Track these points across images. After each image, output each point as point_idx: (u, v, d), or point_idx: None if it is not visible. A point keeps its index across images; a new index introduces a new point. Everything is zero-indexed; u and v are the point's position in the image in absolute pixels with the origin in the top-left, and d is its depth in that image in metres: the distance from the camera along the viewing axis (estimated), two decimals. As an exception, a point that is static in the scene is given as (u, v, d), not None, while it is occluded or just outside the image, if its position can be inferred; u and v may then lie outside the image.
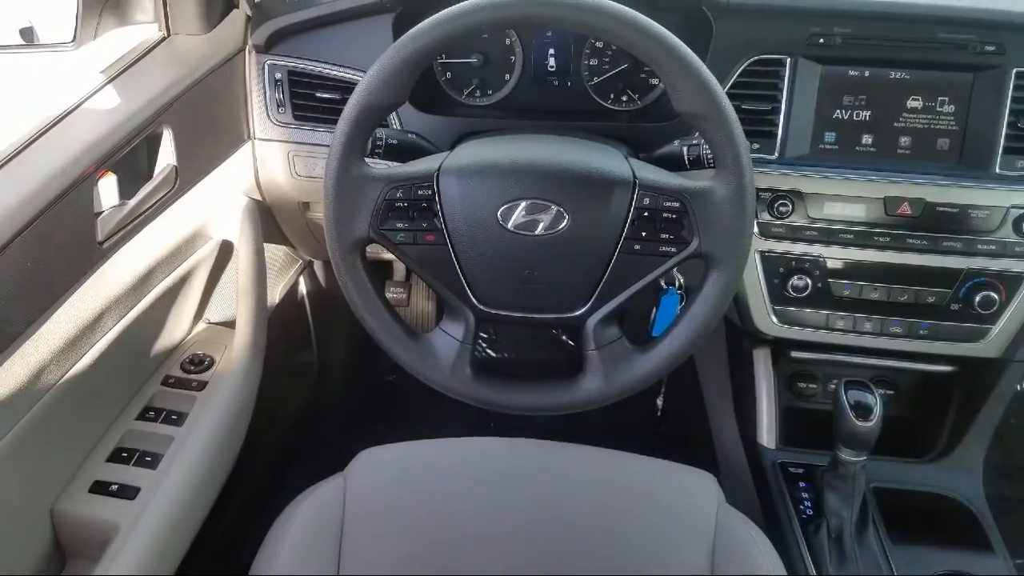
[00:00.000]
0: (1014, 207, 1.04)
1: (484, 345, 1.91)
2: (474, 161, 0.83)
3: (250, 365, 1.15)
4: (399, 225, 0.82)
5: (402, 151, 0.96)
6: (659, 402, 1.64)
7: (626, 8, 0.74)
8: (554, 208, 0.80)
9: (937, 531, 1.14)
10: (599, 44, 1.16)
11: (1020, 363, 1.16)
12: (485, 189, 0.81)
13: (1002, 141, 1.03)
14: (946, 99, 1.05)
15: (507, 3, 0.75)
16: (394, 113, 1.09)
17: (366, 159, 0.83)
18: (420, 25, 0.77)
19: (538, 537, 0.92)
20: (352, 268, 0.84)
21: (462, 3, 0.76)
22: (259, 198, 1.23)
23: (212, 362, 1.15)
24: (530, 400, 0.88)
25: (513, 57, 1.18)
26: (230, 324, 1.22)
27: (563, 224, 0.80)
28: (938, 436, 1.27)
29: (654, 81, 1.17)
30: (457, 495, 0.95)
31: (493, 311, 0.85)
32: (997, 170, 1.04)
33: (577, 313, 0.84)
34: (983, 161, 1.04)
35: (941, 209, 1.05)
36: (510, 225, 0.80)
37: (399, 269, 1.75)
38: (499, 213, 0.80)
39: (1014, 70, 1.02)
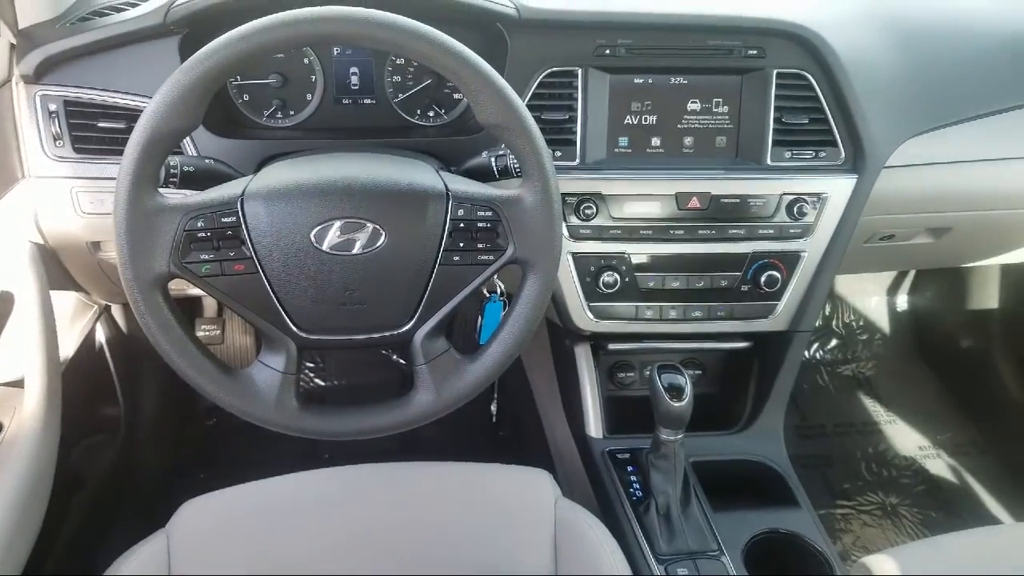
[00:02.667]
0: (785, 194, 1.16)
1: (311, 375, 1.85)
2: (281, 183, 0.80)
3: (45, 426, 1.04)
4: (203, 256, 0.78)
5: (200, 178, 0.91)
6: (492, 408, 1.67)
7: (423, 25, 0.75)
8: (370, 226, 0.79)
9: (751, 494, 1.24)
10: (401, 61, 1.16)
11: (804, 333, 1.30)
12: (295, 211, 0.78)
13: (770, 135, 1.15)
14: (720, 100, 1.15)
15: (300, 21, 0.73)
16: (188, 139, 1.03)
17: (160, 189, 0.78)
18: (209, 45, 0.73)
19: (382, 560, 0.91)
20: (153, 307, 0.78)
21: (252, 22, 0.73)
22: (40, 241, 1.11)
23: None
24: (361, 424, 0.86)
25: (314, 76, 1.15)
26: (17, 384, 1.09)
27: (381, 241, 0.79)
28: (743, 407, 1.39)
29: (458, 96, 1.19)
30: (292, 534, 0.91)
31: (315, 336, 0.83)
32: (769, 162, 1.15)
33: (403, 329, 0.84)
34: (756, 154, 1.16)
35: (725, 200, 1.15)
36: (325, 246, 0.78)
37: (210, 305, 1.66)
38: (312, 235, 0.78)
39: (775, 71, 1.14)
